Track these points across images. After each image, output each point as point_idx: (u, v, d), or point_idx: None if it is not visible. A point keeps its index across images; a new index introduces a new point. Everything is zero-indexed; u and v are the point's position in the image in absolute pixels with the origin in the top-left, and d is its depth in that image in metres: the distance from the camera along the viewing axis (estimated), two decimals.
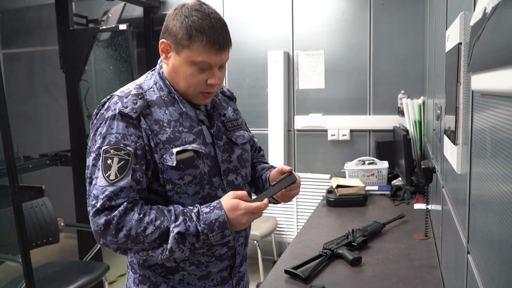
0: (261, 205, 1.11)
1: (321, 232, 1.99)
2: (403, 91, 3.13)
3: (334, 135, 3.36)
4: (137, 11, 3.93)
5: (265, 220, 3.42)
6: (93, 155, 1.09)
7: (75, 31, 3.40)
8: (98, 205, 1.04)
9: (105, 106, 1.13)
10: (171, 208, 1.09)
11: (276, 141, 3.47)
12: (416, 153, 2.77)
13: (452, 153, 1.05)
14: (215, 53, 1.10)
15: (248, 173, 1.32)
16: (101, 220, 1.03)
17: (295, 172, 1.26)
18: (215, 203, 1.10)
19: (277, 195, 1.24)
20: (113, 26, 3.35)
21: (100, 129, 1.10)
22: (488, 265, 0.66)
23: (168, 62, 1.16)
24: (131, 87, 1.17)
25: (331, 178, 2.81)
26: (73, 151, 3.50)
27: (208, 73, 1.13)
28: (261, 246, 3.25)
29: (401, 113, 3.08)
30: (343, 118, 3.35)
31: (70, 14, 3.36)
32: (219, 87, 1.19)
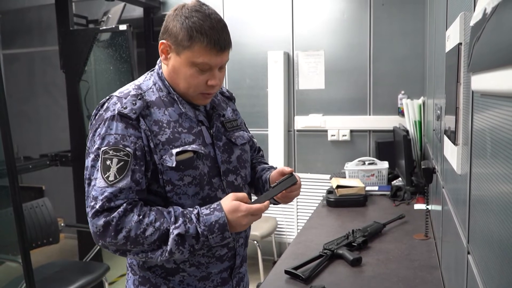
0: (261, 207, 1.11)
1: (321, 233, 1.99)
2: (403, 92, 3.12)
3: (334, 135, 3.36)
4: (137, 12, 3.93)
5: (265, 220, 3.41)
6: (92, 156, 1.08)
7: (75, 32, 3.40)
8: (97, 206, 1.03)
9: (104, 107, 1.12)
10: (171, 209, 1.09)
11: (276, 141, 3.47)
12: (416, 153, 2.77)
13: (452, 153, 1.05)
14: (215, 54, 1.10)
15: (248, 173, 1.32)
16: (100, 221, 1.02)
17: (295, 173, 1.26)
18: (215, 205, 1.10)
19: (278, 196, 1.24)
20: (113, 26, 3.35)
21: (99, 129, 1.09)
22: (488, 265, 0.66)
23: (168, 63, 1.15)
24: (130, 87, 1.16)
25: (331, 178, 2.81)
26: (73, 151, 3.50)
27: (209, 74, 1.13)
28: (261, 246, 3.25)
29: (401, 113, 3.07)
30: (343, 119, 3.34)
31: (70, 15, 3.36)
32: (219, 87, 1.19)
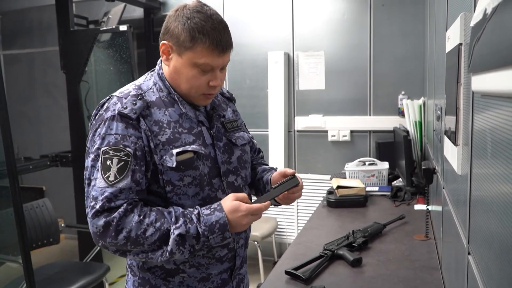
0: (261, 206, 1.11)
1: (321, 233, 1.98)
2: (403, 92, 3.12)
3: (335, 136, 3.36)
4: (138, 12, 3.93)
5: (265, 221, 3.41)
6: (92, 156, 1.08)
7: (75, 32, 3.40)
8: (97, 207, 1.03)
9: (104, 107, 1.12)
10: (171, 209, 1.09)
11: (277, 142, 3.47)
12: (416, 154, 2.76)
13: (452, 153, 1.05)
14: (217, 55, 1.10)
15: (248, 174, 1.32)
16: (100, 221, 1.02)
17: (296, 174, 1.26)
18: (215, 205, 1.10)
19: (279, 197, 1.24)
20: (114, 27, 3.35)
21: (99, 130, 1.09)
22: (489, 266, 0.66)
23: (169, 63, 1.15)
24: (130, 87, 1.16)
25: (331, 179, 2.81)
26: (74, 152, 3.50)
27: (210, 74, 1.13)
28: (261, 247, 3.25)
29: (401, 114, 3.07)
30: (344, 119, 3.34)
31: (71, 15, 3.36)
32: (220, 88, 1.19)
